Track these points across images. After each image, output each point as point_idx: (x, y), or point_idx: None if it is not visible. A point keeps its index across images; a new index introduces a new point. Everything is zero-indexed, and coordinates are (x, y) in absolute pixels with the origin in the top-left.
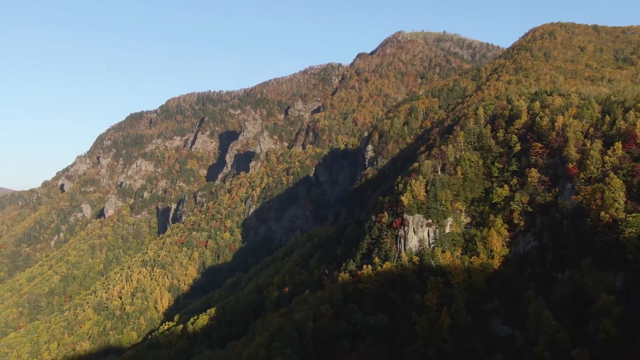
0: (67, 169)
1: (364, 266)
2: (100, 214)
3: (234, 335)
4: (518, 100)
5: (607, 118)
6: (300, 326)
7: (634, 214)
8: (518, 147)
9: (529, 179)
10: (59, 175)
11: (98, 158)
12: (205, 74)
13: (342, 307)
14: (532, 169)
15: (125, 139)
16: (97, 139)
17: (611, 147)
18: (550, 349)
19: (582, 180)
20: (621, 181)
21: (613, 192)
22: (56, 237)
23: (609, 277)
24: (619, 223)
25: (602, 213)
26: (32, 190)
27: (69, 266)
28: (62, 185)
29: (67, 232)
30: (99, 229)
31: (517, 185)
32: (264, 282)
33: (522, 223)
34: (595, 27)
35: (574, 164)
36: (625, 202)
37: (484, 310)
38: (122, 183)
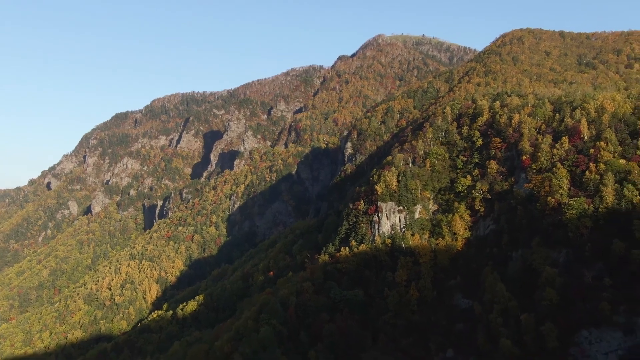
0: (53, 167)
1: (342, 248)
2: (87, 211)
3: (221, 319)
4: (481, 100)
5: (557, 116)
6: (284, 301)
7: (574, 198)
8: (480, 142)
9: (488, 170)
10: (45, 174)
11: (84, 157)
12: (189, 74)
13: (322, 284)
14: (492, 161)
15: (111, 138)
16: (82, 138)
17: (559, 141)
18: (502, 316)
19: (534, 170)
20: (566, 171)
21: (559, 180)
22: (43, 233)
23: (554, 253)
24: (563, 207)
25: (550, 198)
26: (18, 188)
27: (58, 261)
28: (49, 183)
29: (55, 228)
30: (86, 225)
31: (479, 176)
32: (249, 271)
33: (483, 209)
34: (561, 33)
35: (527, 156)
36: (569, 189)
37: (447, 285)
38: (108, 181)
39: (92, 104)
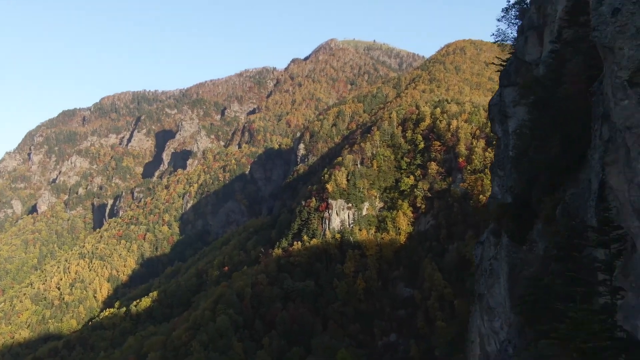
0: None
1: (295, 243)
2: (33, 210)
3: (176, 314)
4: (424, 107)
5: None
6: (240, 292)
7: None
8: (422, 145)
9: (429, 170)
10: None
11: (29, 154)
12: (140, 72)
13: (276, 276)
14: (432, 162)
15: (58, 136)
16: (26, 135)
17: (491, 145)
18: (439, 302)
19: (469, 171)
20: None
21: (490, 180)
22: None
23: None
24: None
25: (481, 196)
26: None
27: (2, 261)
28: None
29: None
30: (31, 224)
31: (420, 176)
32: (204, 268)
33: (423, 206)
34: (499, 45)
35: (463, 158)
36: None
37: (391, 276)
38: (55, 179)
39: (36, 100)
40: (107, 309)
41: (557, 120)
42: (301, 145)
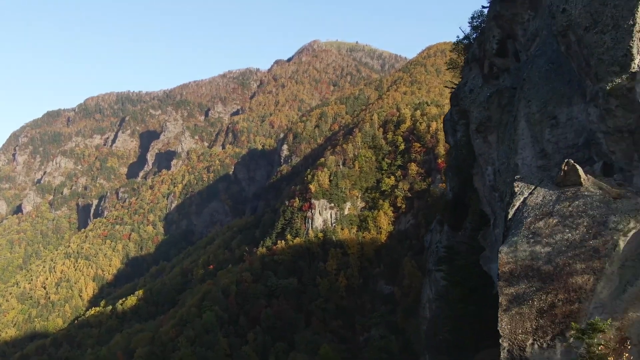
0: None
1: (279, 242)
2: (18, 210)
3: (161, 312)
4: (404, 109)
5: None
6: (225, 289)
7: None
8: (403, 146)
9: (409, 171)
10: None
11: (14, 155)
12: (124, 73)
13: (260, 274)
14: (412, 163)
15: (43, 137)
16: (11, 136)
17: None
18: (418, 299)
19: None
20: None
21: None
22: None
23: None
24: None
25: None
26: None
27: None
28: None
29: None
30: (16, 224)
31: (401, 176)
32: (189, 267)
33: (404, 206)
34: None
35: (443, 159)
36: None
37: (372, 273)
38: (40, 180)
39: (21, 101)
40: (93, 308)
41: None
42: (284, 146)
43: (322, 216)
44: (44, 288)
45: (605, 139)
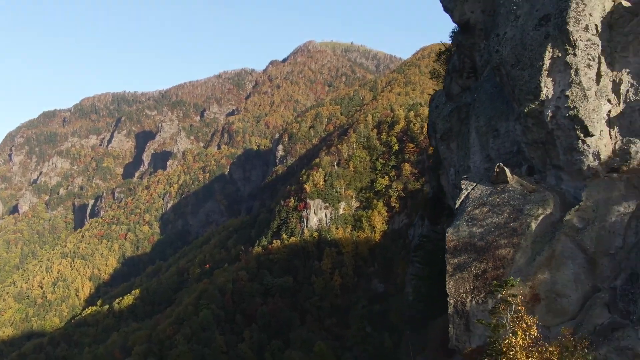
0: None
1: (274, 241)
2: (14, 210)
3: (158, 311)
4: (398, 110)
5: None
6: (221, 288)
7: None
8: (396, 147)
9: (403, 171)
10: None
11: (10, 155)
12: (119, 74)
13: (256, 272)
14: (406, 163)
15: (39, 137)
16: (6, 136)
17: None
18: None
19: None
20: None
21: None
22: None
23: None
24: None
25: None
26: None
27: None
28: None
29: None
30: (13, 224)
31: (395, 177)
32: (185, 266)
33: (397, 206)
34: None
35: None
36: None
37: (366, 272)
38: (36, 180)
39: (16, 101)
40: (90, 307)
41: None
42: (280, 147)
43: (317, 216)
44: (41, 287)
45: (527, 148)
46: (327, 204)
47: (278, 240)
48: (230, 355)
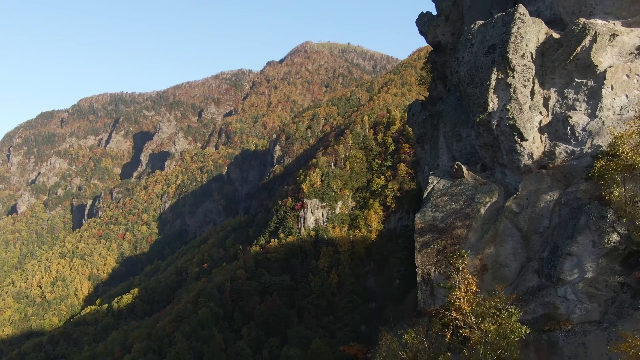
0: None
1: (272, 240)
2: (12, 210)
3: (157, 310)
4: (394, 111)
5: None
6: (220, 286)
7: None
8: (392, 147)
9: (399, 171)
10: None
11: (8, 155)
12: (117, 74)
13: (254, 271)
14: (402, 164)
15: (37, 137)
16: (4, 137)
17: None
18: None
19: None
20: None
21: None
22: None
23: None
24: None
25: None
26: None
27: None
28: None
29: None
30: (11, 224)
31: (391, 176)
32: (183, 265)
33: (393, 205)
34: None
35: None
36: None
37: (362, 271)
38: (34, 180)
39: (14, 102)
40: (89, 306)
41: None
42: (277, 147)
43: (314, 215)
44: (40, 287)
45: (480, 149)
46: (324, 204)
47: (276, 240)
48: (229, 352)
